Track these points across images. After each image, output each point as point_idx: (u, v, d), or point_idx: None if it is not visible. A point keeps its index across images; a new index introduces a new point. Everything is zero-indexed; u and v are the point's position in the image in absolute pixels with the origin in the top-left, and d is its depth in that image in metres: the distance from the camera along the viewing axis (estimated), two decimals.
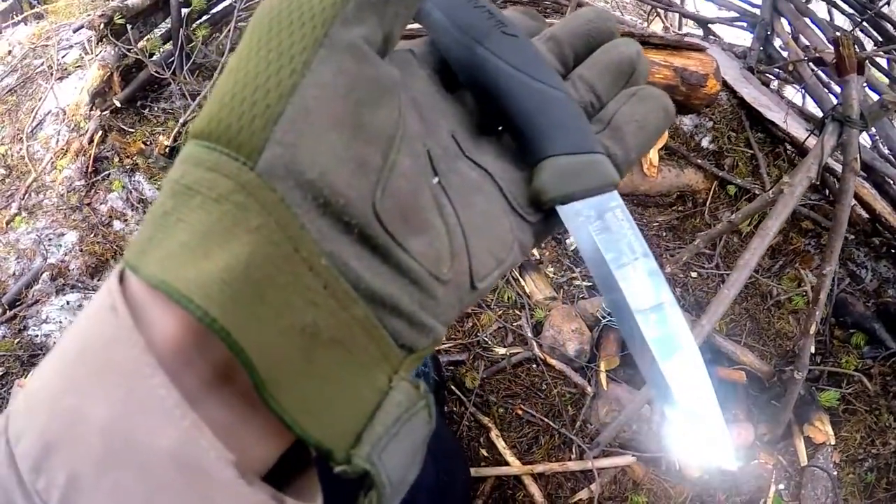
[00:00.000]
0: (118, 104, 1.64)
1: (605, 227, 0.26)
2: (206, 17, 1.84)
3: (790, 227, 1.63)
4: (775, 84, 2.15)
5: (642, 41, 1.57)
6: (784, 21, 1.98)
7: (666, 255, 1.57)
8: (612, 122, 0.28)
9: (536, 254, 1.51)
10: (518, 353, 1.31)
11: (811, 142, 1.41)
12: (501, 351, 1.32)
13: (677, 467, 1.18)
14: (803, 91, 1.85)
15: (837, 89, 1.57)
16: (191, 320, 0.17)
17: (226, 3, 1.90)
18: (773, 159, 1.77)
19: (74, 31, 1.85)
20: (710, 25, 2.39)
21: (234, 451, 0.17)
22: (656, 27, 2.75)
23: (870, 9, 1.90)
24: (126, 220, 1.53)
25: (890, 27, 1.96)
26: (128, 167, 1.59)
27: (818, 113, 1.83)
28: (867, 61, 1.32)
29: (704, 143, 1.76)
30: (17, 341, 1.28)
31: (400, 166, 0.21)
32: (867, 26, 1.98)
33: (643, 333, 0.25)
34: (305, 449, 0.22)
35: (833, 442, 1.22)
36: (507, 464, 1.16)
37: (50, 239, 1.45)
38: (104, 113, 1.62)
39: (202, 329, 0.17)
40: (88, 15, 1.86)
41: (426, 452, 0.22)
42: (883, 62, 2.01)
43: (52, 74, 1.78)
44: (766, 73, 2.04)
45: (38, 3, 2.30)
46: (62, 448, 0.16)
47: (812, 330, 1.14)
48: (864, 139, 1.73)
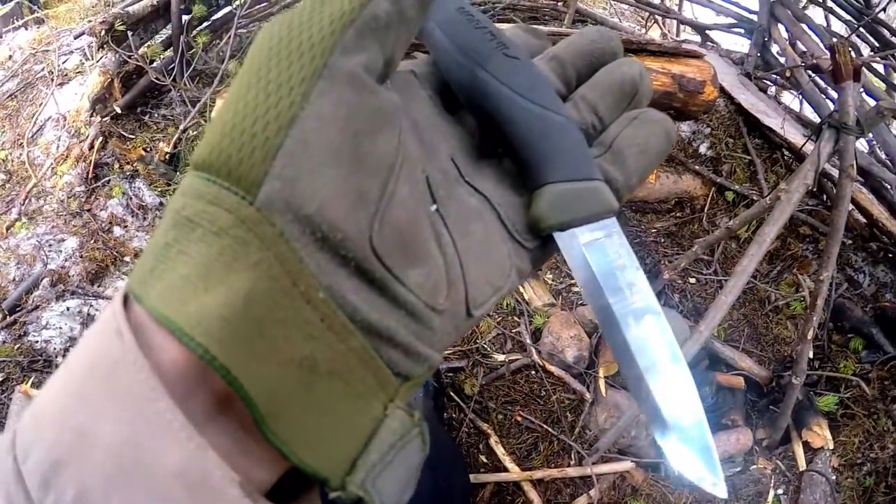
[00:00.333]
0: (119, 110, 1.65)
1: (601, 256, 0.26)
2: (206, 24, 1.85)
3: (788, 232, 1.63)
4: (773, 90, 2.15)
5: (640, 48, 1.57)
6: (781, 27, 1.99)
7: (664, 261, 1.57)
8: (613, 145, 0.28)
9: None
10: (517, 359, 1.31)
11: (809, 147, 1.42)
12: (500, 357, 1.32)
13: (676, 473, 1.18)
14: (801, 97, 1.86)
15: (835, 94, 1.57)
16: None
17: (226, 10, 1.91)
18: (770, 165, 1.78)
19: (75, 38, 1.85)
20: (707, 32, 2.40)
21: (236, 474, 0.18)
22: (654, 34, 2.76)
23: (866, 14, 1.91)
24: (126, 226, 1.53)
25: (886, 33, 1.97)
26: (128, 173, 1.60)
27: (816, 118, 1.83)
28: (864, 67, 1.32)
29: (702, 149, 1.76)
30: (17, 347, 1.28)
31: (398, 195, 0.21)
32: (864, 32, 1.99)
33: (642, 374, 0.25)
34: None
35: (831, 446, 1.22)
36: (506, 470, 1.16)
37: (50, 245, 1.45)
38: (104, 119, 1.63)
39: (203, 362, 0.17)
40: (89, 21, 1.86)
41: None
42: (880, 68, 2.02)
43: (52, 80, 1.78)
44: (764, 79, 2.05)
45: (38, 8, 2.31)
46: (71, 465, 0.17)
47: (810, 335, 1.14)
48: (862, 144, 1.74)
